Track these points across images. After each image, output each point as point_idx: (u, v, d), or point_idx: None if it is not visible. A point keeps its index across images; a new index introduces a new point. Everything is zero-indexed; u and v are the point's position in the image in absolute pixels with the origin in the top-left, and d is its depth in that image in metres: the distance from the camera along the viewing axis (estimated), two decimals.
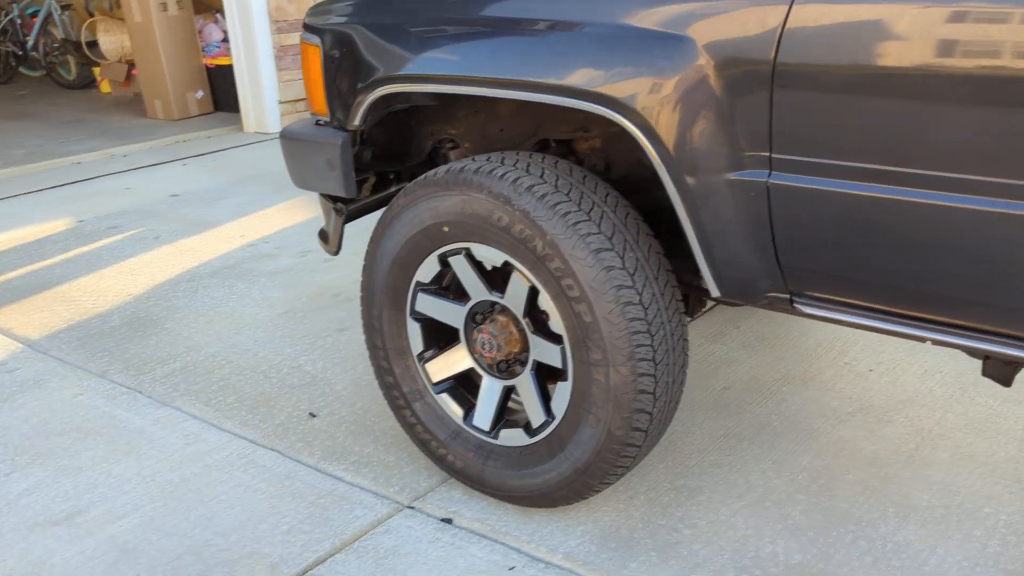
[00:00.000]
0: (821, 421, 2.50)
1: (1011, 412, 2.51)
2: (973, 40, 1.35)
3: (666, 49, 1.62)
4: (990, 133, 1.37)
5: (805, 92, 1.52)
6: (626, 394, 1.82)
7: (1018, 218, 1.39)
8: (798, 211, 1.61)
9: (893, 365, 2.80)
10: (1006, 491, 2.16)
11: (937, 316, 1.61)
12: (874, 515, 2.09)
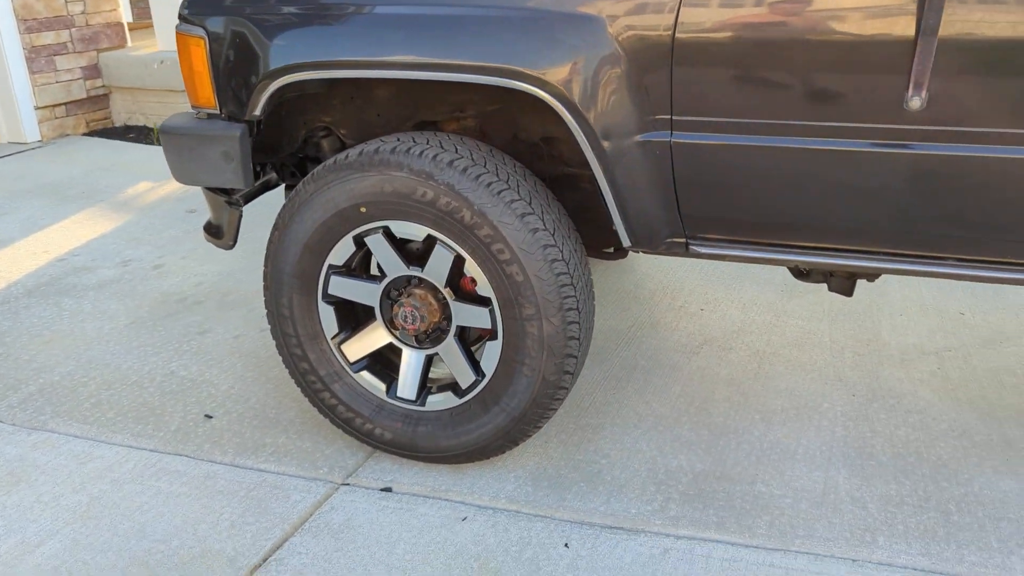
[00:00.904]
0: (678, 356, 2.87)
1: (817, 328, 3.03)
2: (814, 17, 1.70)
3: (580, 29, 1.83)
4: (830, 90, 1.74)
5: (698, 62, 1.81)
6: (558, 342, 2.02)
7: (854, 153, 1.77)
8: (696, 164, 1.90)
9: (718, 303, 3.26)
10: (833, 388, 2.64)
11: (802, 242, 1.97)
12: (745, 423, 2.47)
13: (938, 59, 1.65)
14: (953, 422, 2.45)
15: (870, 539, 2.00)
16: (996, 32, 1.61)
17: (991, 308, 3.15)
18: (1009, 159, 1.68)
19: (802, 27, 1.72)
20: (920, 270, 1.93)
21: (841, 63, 1.73)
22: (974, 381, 2.67)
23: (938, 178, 1.76)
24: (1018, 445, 2.33)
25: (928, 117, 1.71)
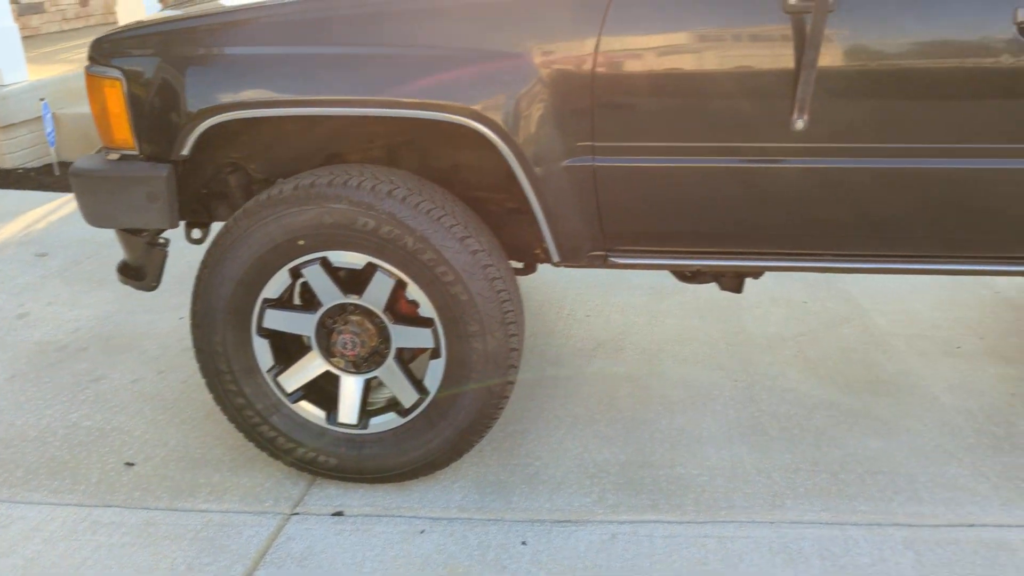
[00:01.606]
0: (578, 359, 3.09)
1: (691, 324, 3.36)
2: (715, 52, 1.97)
3: (510, 66, 2.00)
4: (729, 116, 2.01)
5: (615, 93, 2.02)
6: (501, 354, 2.17)
7: (749, 169, 2.06)
8: (616, 184, 2.12)
9: (600, 309, 3.52)
10: (719, 376, 2.96)
11: (706, 248, 2.24)
12: (652, 414, 2.73)
13: (817, 87, 1.96)
14: (821, 396, 2.82)
15: (780, 503, 2.29)
16: (863, 64, 1.94)
17: (826, 296, 3.62)
18: (876, 169, 2.02)
19: (704, 61, 1.98)
20: (802, 265, 2.25)
21: (737, 92, 2.00)
22: (828, 359, 3.08)
23: (819, 187, 2.08)
24: (875, 410, 2.73)
25: (810, 136, 2.01)
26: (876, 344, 3.17)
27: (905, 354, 3.08)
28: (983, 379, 2.90)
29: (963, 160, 1.99)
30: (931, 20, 1.91)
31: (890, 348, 3.13)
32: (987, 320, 3.35)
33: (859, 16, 1.91)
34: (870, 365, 3.02)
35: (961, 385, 2.86)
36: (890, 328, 3.30)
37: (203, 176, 2.47)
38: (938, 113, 1.96)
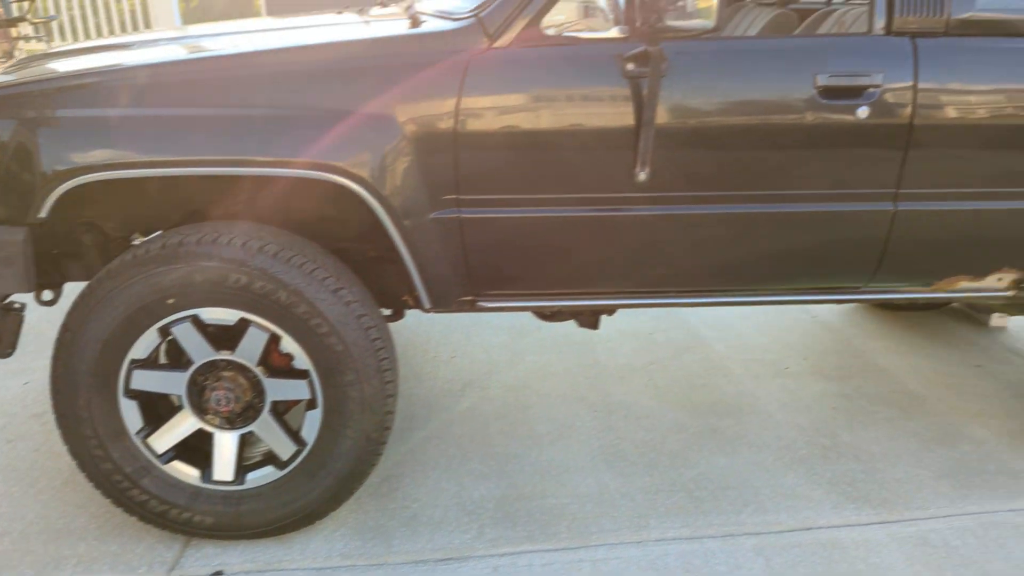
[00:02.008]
0: (447, 400, 3.19)
1: (550, 360, 3.54)
2: (566, 111, 2.16)
3: (378, 127, 2.10)
4: (581, 169, 2.20)
5: (477, 150, 2.17)
6: (378, 401, 2.24)
7: (601, 217, 2.25)
8: (481, 234, 2.25)
9: (464, 349, 3.64)
10: (579, 408, 3.14)
11: (567, 290, 2.41)
12: (522, 448, 2.86)
13: (656, 142, 2.18)
14: (672, 421, 3.06)
15: (644, 523, 2.47)
16: (694, 121, 2.18)
17: (670, 327, 3.91)
18: (711, 214, 2.27)
19: (555, 119, 2.16)
20: (651, 302, 2.46)
21: (586, 148, 2.19)
22: (676, 385, 3.33)
23: (662, 232, 2.30)
24: (720, 430, 2.99)
25: (651, 186, 2.23)
26: (716, 369, 3.46)
27: (742, 377, 3.39)
28: (809, 396, 3.23)
29: (782, 204, 2.27)
30: (747, 83, 2.18)
31: (729, 372, 3.43)
32: (809, 343, 3.73)
33: (688, 80, 2.16)
34: (712, 389, 3.29)
35: (791, 402, 3.18)
36: (728, 354, 3.61)
37: (56, 236, 2.40)
38: (757, 163, 2.23)
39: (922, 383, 3.32)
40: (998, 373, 3.40)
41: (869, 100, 2.17)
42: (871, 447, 2.86)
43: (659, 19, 2.01)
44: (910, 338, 3.77)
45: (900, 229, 2.31)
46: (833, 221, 2.30)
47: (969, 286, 2.45)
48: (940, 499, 2.57)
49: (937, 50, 2.17)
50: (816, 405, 3.16)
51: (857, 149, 2.22)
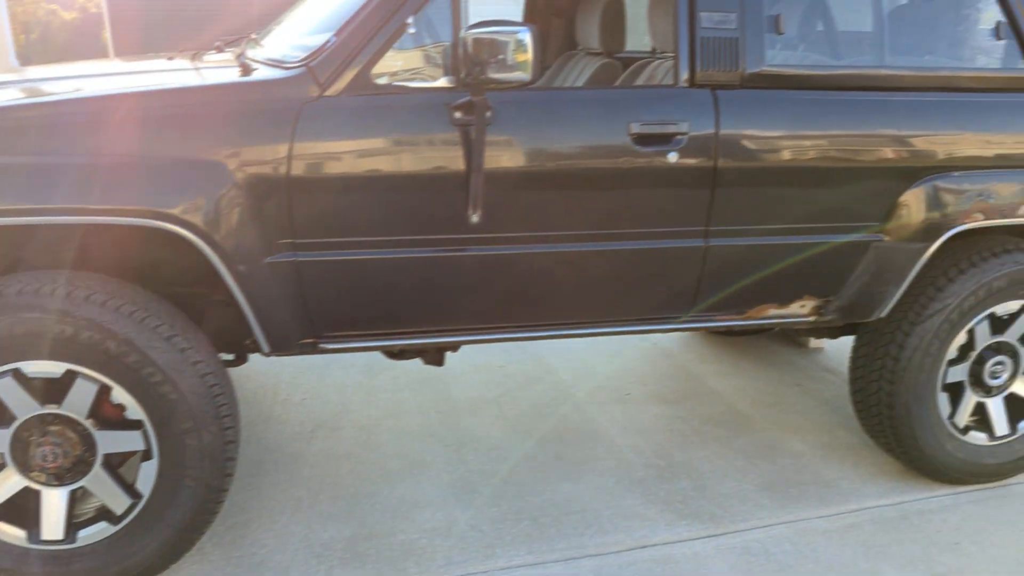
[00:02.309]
0: (297, 443, 3.17)
1: (404, 397, 3.59)
2: (399, 156, 2.25)
3: (208, 173, 2.11)
4: (415, 212, 2.29)
5: (311, 194, 2.21)
6: (217, 448, 2.22)
7: (438, 257, 2.34)
8: (320, 277, 2.29)
9: (316, 391, 3.63)
10: (431, 444, 3.19)
11: (409, 328, 2.48)
12: (373, 487, 2.88)
13: (488, 186, 2.30)
14: (521, 450, 3.16)
15: (491, 553, 2.55)
16: (520, 165, 2.31)
17: (520, 359, 4.04)
18: (543, 252, 2.40)
19: (389, 164, 2.24)
20: (493, 337, 2.57)
21: (420, 191, 2.28)
22: (525, 415, 3.45)
23: (497, 270, 2.41)
24: (566, 457, 3.12)
25: (483, 227, 2.34)
26: (564, 398, 3.61)
27: (587, 404, 3.55)
28: (647, 419, 3.42)
29: (607, 243, 2.43)
30: (569, 131, 2.34)
31: (574, 401, 3.58)
32: (649, 369, 3.94)
33: (513, 127, 2.29)
34: (560, 417, 3.43)
35: (631, 427, 3.35)
36: (574, 383, 3.76)
37: None
38: (583, 205, 2.39)
39: (749, 403, 3.58)
40: (815, 391, 3.71)
41: (678, 146, 2.37)
42: (702, 465, 3.06)
43: (482, 71, 2.13)
44: (739, 361, 4.05)
45: (712, 263, 2.52)
46: (653, 257, 2.48)
47: (777, 313, 2.69)
48: (761, 510, 2.78)
49: (735, 101, 2.40)
50: (654, 428, 3.35)
51: (670, 190, 2.42)
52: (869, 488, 2.91)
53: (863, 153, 2.47)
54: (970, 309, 2.65)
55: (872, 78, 2.51)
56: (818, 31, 2.71)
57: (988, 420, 2.85)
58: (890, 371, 2.72)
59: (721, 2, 2.38)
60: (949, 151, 2.53)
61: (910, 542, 2.61)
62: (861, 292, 2.64)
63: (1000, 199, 2.58)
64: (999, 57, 2.65)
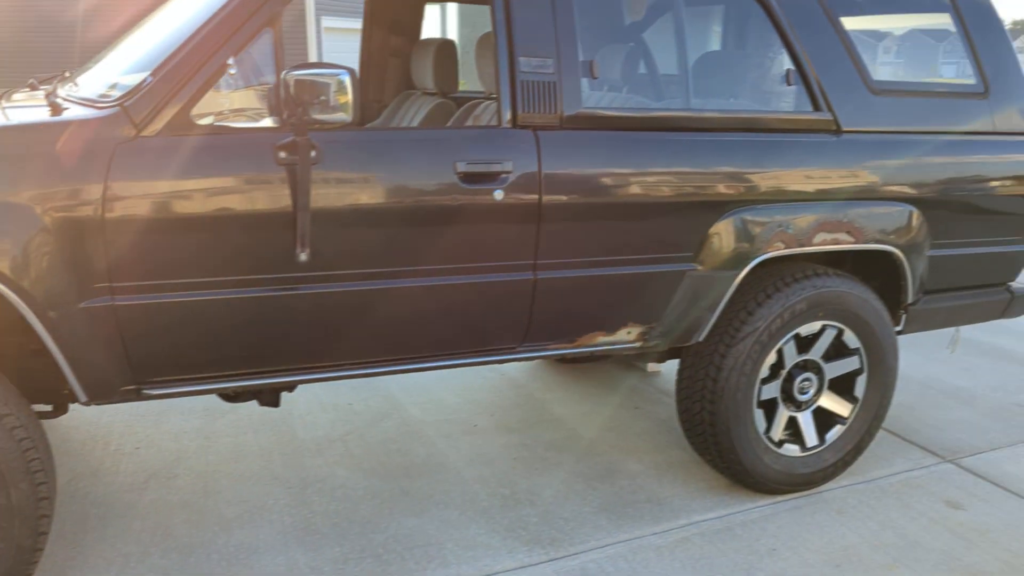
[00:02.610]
0: (129, 495, 3.03)
1: (246, 440, 3.50)
2: (218, 195, 2.23)
3: (17, 218, 2.02)
4: (242, 251, 2.27)
5: (127, 236, 2.15)
6: (29, 507, 2.10)
7: (268, 297, 2.33)
8: (139, 320, 2.22)
9: (151, 439, 3.49)
10: (273, 487, 3.13)
11: (240, 370, 2.44)
12: (208, 536, 2.79)
13: (318, 224, 2.31)
14: (366, 487, 3.15)
15: None
16: (348, 203, 2.34)
17: (369, 395, 4.02)
18: (373, 289, 2.43)
19: (213, 203, 2.21)
20: (327, 376, 2.56)
21: (246, 230, 2.26)
22: (372, 453, 3.44)
23: (329, 308, 2.42)
24: (411, 492, 3.13)
25: (313, 265, 2.35)
26: (411, 433, 3.62)
27: (434, 438, 3.57)
28: (494, 449, 3.48)
29: (440, 278, 2.49)
30: (398, 170, 2.39)
31: (422, 435, 3.60)
32: (496, 399, 4.02)
33: (341, 166, 2.32)
34: (406, 453, 3.44)
35: (478, 458, 3.41)
36: (422, 417, 3.79)
37: None
38: (414, 241, 2.44)
39: (590, 427, 3.71)
40: (652, 413, 3.89)
41: (503, 184, 2.47)
42: (544, 491, 3.15)
43: (305, 112, 2.15)
44: (582, 387, 4.20)
45: (541, 295, 2.62)
46: (485, 291, 2.56)
47: (605, 340, 2.82)
48: (599, 531, 2.89)
49: (555, 141, 2.53)
50: (500, 457, 3.41)
51: (498, 226, 2.50)
52: (698, 503, 3.08)
53: (674, 189, 2.65)
54: (777, 331, 2.87)
55: (681, 120, 2.70)
56: (632, 76, 2.89)
57: (800, 433, 3.09)
58: (710, 391, 2.90)
59: (538, 48, 2.51)
60: (751, 186, 2.75)
61: (733, 552, 2.78)
62: (680, 318, 2.81)
63: (798, 229, 2.82)
64: (791, 101, 2.92)
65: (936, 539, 2.87)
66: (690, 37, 2.89)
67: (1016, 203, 3.22)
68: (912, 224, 3.00)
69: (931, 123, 3.04)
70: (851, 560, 2.74)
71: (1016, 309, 3.41)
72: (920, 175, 3.00)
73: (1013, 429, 3.77)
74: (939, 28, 3.24)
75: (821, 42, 2.87)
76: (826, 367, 3.07)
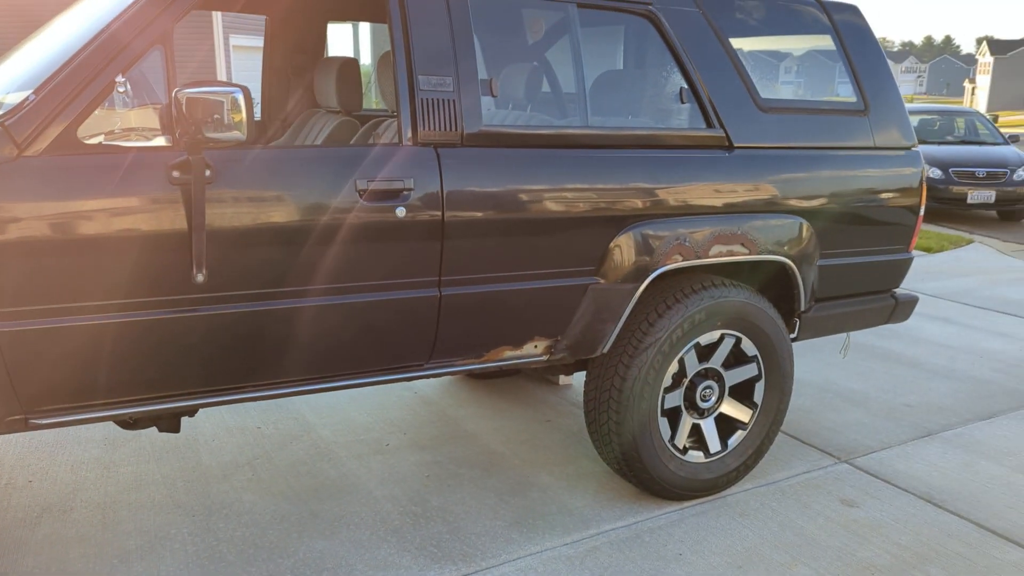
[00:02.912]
0: (20, 531, 2.89)
1: (148, 469, 3.39)
2: (110, 217, 2.18)
3: None
4: (137, 271, 2.21)
5: (8, 260, 2.07)
6: None
7: (164, 319, 2.28)
8: (24, 347, 2.14)
9: (46, 471, 3.34)
10: (176, 516, 3.04)
11: (135, 396, 2.37)
12: (106, 570, 2.69)
13: (217, 245, 2.27)
14: (274, 512, 3.09)
15: None
16: (246, 223, 2.31)
17: (278, 418, 3.95)
18: (274, 309, 2.40)
19: (106, 226, 2.15)
20: (229, 399, 2.51)
21: (140, 252, 2.21)
22: (280, 476, 3.37)
23: (229, 328, 2.38)
24: (321, 514, 3.09)
25: (211, 286, 2.31)
26: (322, 455, 3.57)
27: (345, 459, 3.53)
28: (406, 468, 3.47)
29: (344, 296, 2.48)
30: (298, 188, 2.37)
31: (333, 456, 3.56)
32: (409, 417, 4.01)
33: (238, 185, 2.29)
34: (316, 474, 3.39)
35: (389, 477, 3.38)
36: (333, 438, 3.74)
37: None
38: (316, 260, 2.42)
39: (502, 442, 3.74)
40: (563, 425, 3.94)
41: (405, 201, 2.48)
42: (456, 507, 3.15)
43: (198, 131, 2.12)
44: (495, 402, 4.22)
45: (447, 311, 2.63)
46: (390, 308, 2.56)
47: (513, 354, 2.85)
48: (511, 545, 2.90)
49: (456, 158, 2.56)
50: (411, 476, 3.40)
51: (402, 244, 2.51)
52: (608, 512, 3.13)
53: (574, 204, 2.71)
54: (678, 340, 2.96)
55: (581, 137, 2.77)
56: (535, 95, 2.95)
57: (703, 439, 3.18)
58: (616, 401, 2.96)
59: (437, 66, 2.53)
60: (649, 201, 2.84)
61: (641, 559, 2.83)
62: (585, 331, 2.86)
63: (695, 242, 2.92)
64: (686, 118, 3.02)
65: (832, 537, 2.99)
66: (591, 57, 2.96)
67: (897, 214, 3.41)
68: (802, 235, 3.15)
69: (816, 139, 3.20)
70: (753, 561, 2.83)
71: (900, 314, 3.60)
72: (808, 188, 3.15)
73: (902, 429, 3.96)
74: (834, 49, 3.41)
75: (712, 62, 2.99)
76: (726, 375, 3.17)
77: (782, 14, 3.23)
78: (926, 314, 6.08)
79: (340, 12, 3.94)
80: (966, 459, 3.63)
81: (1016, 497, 3.29)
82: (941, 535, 3.01)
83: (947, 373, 4.79)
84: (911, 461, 3.61)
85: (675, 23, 2.94)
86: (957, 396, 4.42)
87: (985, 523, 3.09)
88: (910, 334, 5.55)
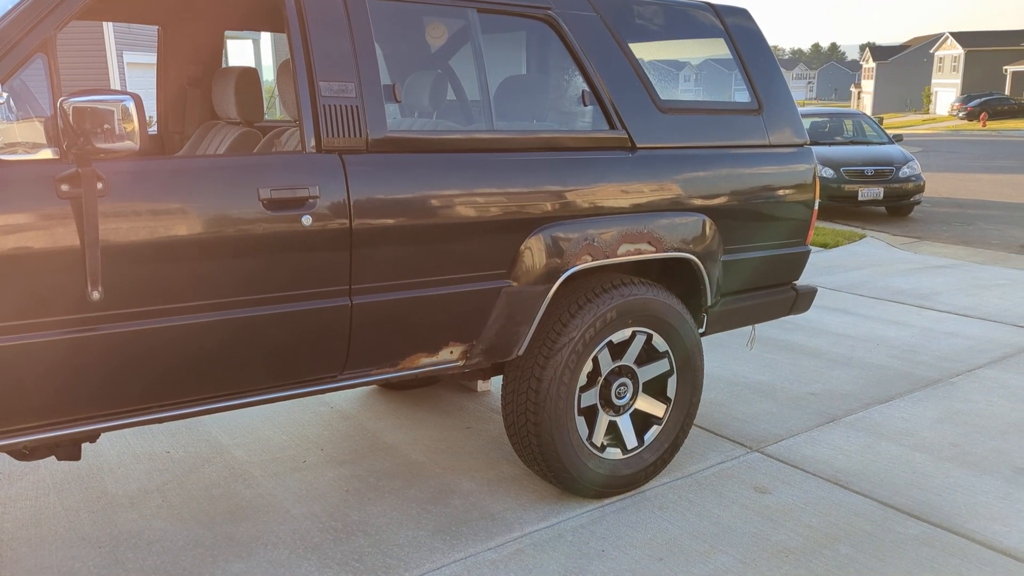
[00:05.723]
0: None
1: (48, 502, 3.22)
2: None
3: None
4: (25, 294, 2.11)
5: None
6: None
7: (60, 341, 2.17)
8: None
9: None
10: (81, 550, 2.89)
11: (23, 424, 2.24)
12: None
13: (111, 261, 2.18)
14: (187, 538, 2.98)
15: None
16: (142, 237, 2.23)
17: (189, 441, 3.82)
18: (179, 326, 2.31)
19: None
20: (133, 421, 2.41)
21: (29, 271, 2.10)
22: (192, 501, 3.26)
23: (126, 348, 2.28)
24: (236, 537, 2.99)
25: (107, 304, 2.21)
26: (236, 476, 3.46)
27: (261, 479, 3.44)
28: (325, 484, 3.40)
29: (248, 309, 2.41)
30: (197, 199, 2.29)
31: (248, 477, 3.46)
32: (326, 432, 3.93)
33: (132, 196, 2.20)
34: (231, 497, 3.28)
35: (308, 494, 3.31)
36: (248, 458, 3.63)
37: None
38: (218, 273, 2.34)
39: (422, 451, 3.70)
40: (483, 431, 3.94)
41: (310, 209, 2.43)
42: (378, 520, 3.10)
43: (87, 142, 2.03)
44: (414, 412, 4.18)
45: (359, 320, 2.59)
46: (300, 319, 2.50)
47: (429, 361, 2.83)
48: (435, 553, 2.88)
49: (362, 164, 2.53)
50: (331, 491, 3.33)
51: (309, 253, 2.46)
52: (530, 514, 3.14)
53: (483, 208, 2.72)
54: (591, 339, 3.00)
55: (487, 141, 2.78)
56: (440, 101, 2.95)
57: (620, 436, 3.22)
58: (533, 403, 2.97)
59: (339, 72, 2.50)
60: (557, 203, 2.87)
61: (564, 557, 2.85)
62: (499, 334, 2.87)
63: (603, 242, 2.97)
64: (589, 121, 3.08)
65: (747, 523, 3.07)
66: (495, 62, 2.98)
67: (793, 208, 3.55)
68: (706, 232, 3.24)
69: (714, 138, 3.30)
70: (673, 552, 2.88)
71: (801, 305, 3.74)
72: (708, 186, 3.25)
73: (808, 416, 4.11)
74: (729, 58, 3.52)
75: (612, 64, 3.05)
76: (639, 371, 3.23)
77: (677, 18, 3.32)
78: (825, 306, 6.34)
79: (236, 20, 3.85)
80: (868, 441, 3.79)
81: (915, 475, 3.46)
82: (848, 514, 3.13)
83: (847, 361, 5.00)
84: (817, 446, 3.75)
85: (574, 27, 2.99)
86: (857, 382, 4.61)
87: (888, 500, 3.23)
88: (811, 326, 5.77)
